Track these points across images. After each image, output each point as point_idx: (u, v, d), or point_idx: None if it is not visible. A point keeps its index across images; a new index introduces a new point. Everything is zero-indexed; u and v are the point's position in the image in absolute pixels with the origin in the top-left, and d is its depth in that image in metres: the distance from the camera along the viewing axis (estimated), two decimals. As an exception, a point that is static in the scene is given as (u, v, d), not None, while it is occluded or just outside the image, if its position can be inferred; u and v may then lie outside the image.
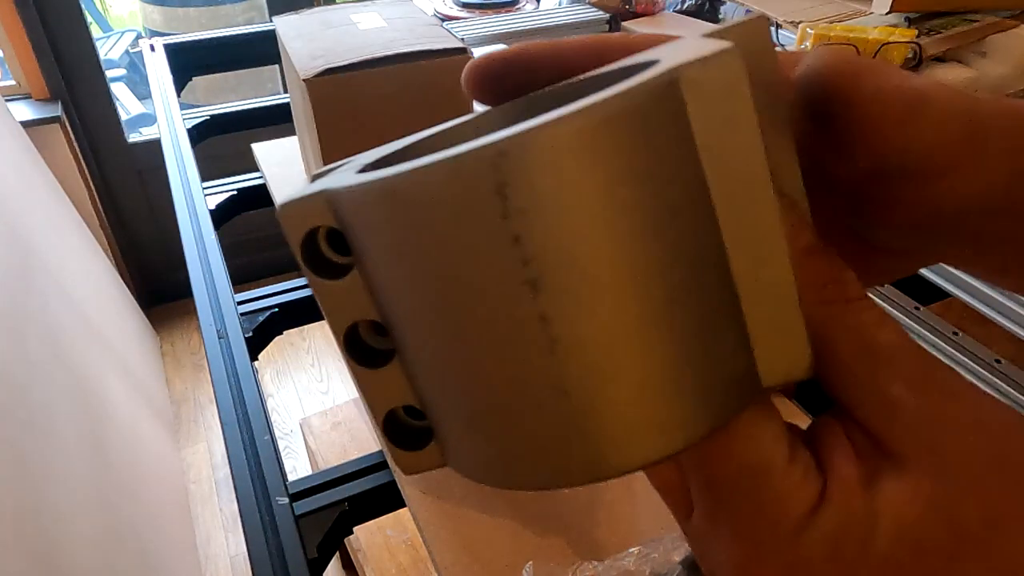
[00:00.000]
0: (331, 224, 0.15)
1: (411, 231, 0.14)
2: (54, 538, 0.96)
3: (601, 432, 0.14)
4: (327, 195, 0.15)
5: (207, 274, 0.79)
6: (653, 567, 0.47)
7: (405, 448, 0.17)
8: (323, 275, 0.16)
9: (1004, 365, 0.63)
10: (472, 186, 0.13)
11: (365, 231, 0.15)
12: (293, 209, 0.16)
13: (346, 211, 0.15)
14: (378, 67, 0.72)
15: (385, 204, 0.14)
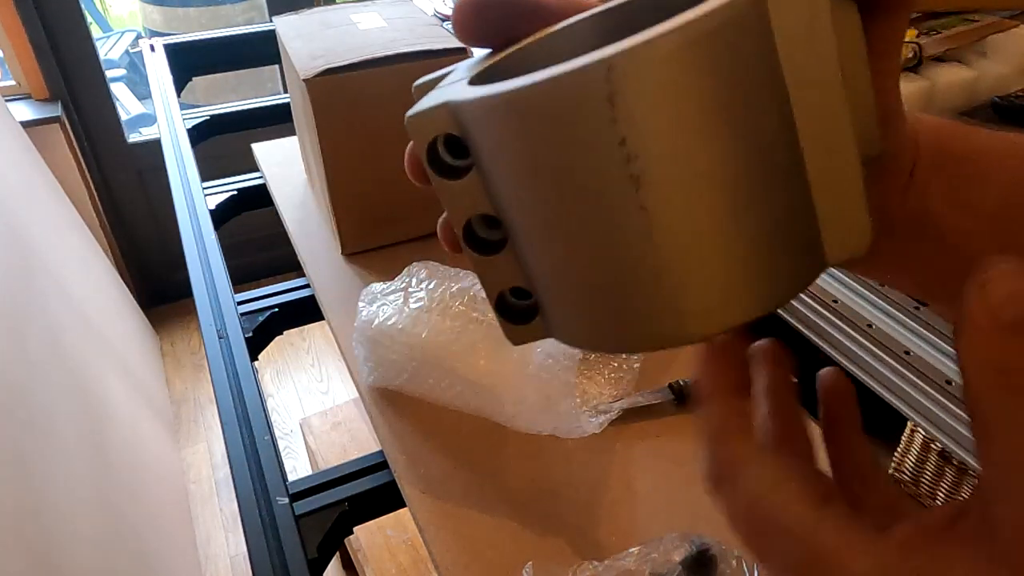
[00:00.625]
0: (452, 131, 0.18)
1: (528, 136, 0.16)
2: (54, 538, 0.96)
3: (690, 303, 0.16)
4: (450, 107, 0.17)
5: (207, 274, 0.79)
6: (653, 567, 0.47)
7: (513, 323, 0.20)
8: (445, 176, 0.18)
9: (1004, 365, 0.63)
10: (585, 96, 0.15)
11: (485, 137, 0.17)
12: (420, 119, 0.18)
13: (467, 120, 0.17)
14: (378, 67, 0.72)
15: (506, 114, 0.16)
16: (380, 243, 0.82)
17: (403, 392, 0.63)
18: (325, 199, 0.80)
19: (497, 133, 0.16)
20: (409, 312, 0.61)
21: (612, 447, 0.59)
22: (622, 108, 0.14)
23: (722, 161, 0.15)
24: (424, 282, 0.64)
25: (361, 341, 0.62)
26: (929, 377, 0.62)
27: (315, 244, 0.83)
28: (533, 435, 0.60)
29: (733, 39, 0.15)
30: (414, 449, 0.59)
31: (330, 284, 0.77)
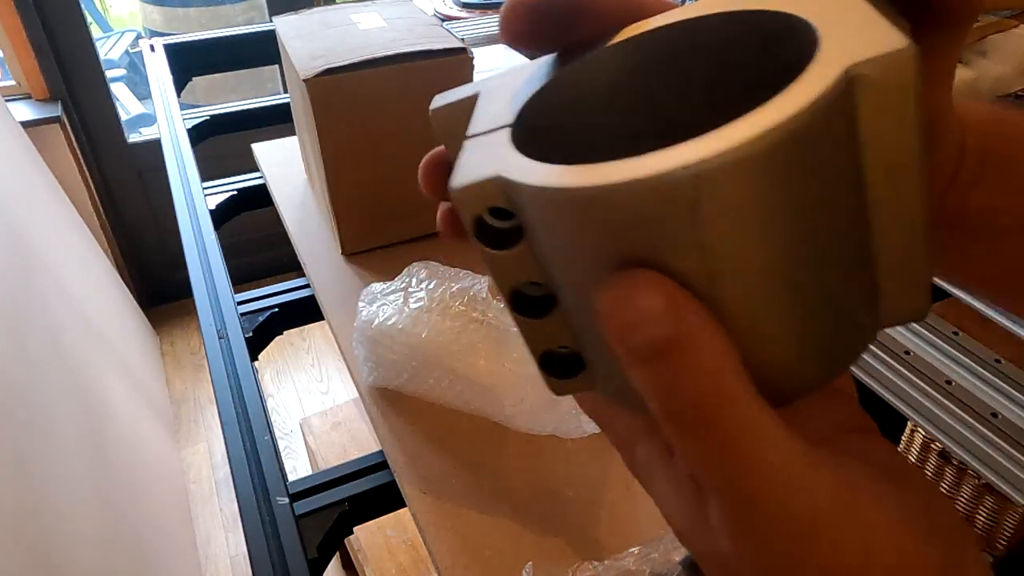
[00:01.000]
0: (503, 205, 0.17)
1: (595, 230, 0.15)
2: (54, 538, 0.96)
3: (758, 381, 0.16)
4: (504, 183, 0.17)
5: (207, 274, 0.79)
6: (653, 567, 0.47)
7: (559, 377, 0.20)
8: (493, 247, 0.18)
9: (1004, 365, 0.63)
10: (666, 203, 0.14)
11: (543, 221, 0.17)
12: (470, 192, 0.17)
13: (523, 199, 0.17)
14: (378, 67, 0.72)
15: (572, 208, 0.15)
16: (380, 243, 0.82)
17: (403, 392, 0.63)
18: (325, 199, 0.80)
19: (559, 222, 0.16)
20: (409, 312, 0.61)
21: (612, 447, 0.58)
22: (704, 214, 0.14)
23: (798, 254, 0.15)
24: (424, 282, 0.64)
25: (361, 341, 0.62)
26: (929, 377, 0.63)
27: (315, 244, 0.83)
28: (533, 435, 0.60)
29: (820, 131, 0.14)
30: (414, 449, 0.59)
31: (330, 284, 0.77)
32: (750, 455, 0.15)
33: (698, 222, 0.14)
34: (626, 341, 0.15)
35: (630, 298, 0.15)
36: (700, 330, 0.15)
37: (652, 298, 0.15)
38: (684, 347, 0.15)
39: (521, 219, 0.17)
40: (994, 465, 0.56)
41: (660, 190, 0.14)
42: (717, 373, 0.15)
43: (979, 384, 0.61)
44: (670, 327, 0.14)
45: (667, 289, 0.15)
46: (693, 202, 0.14)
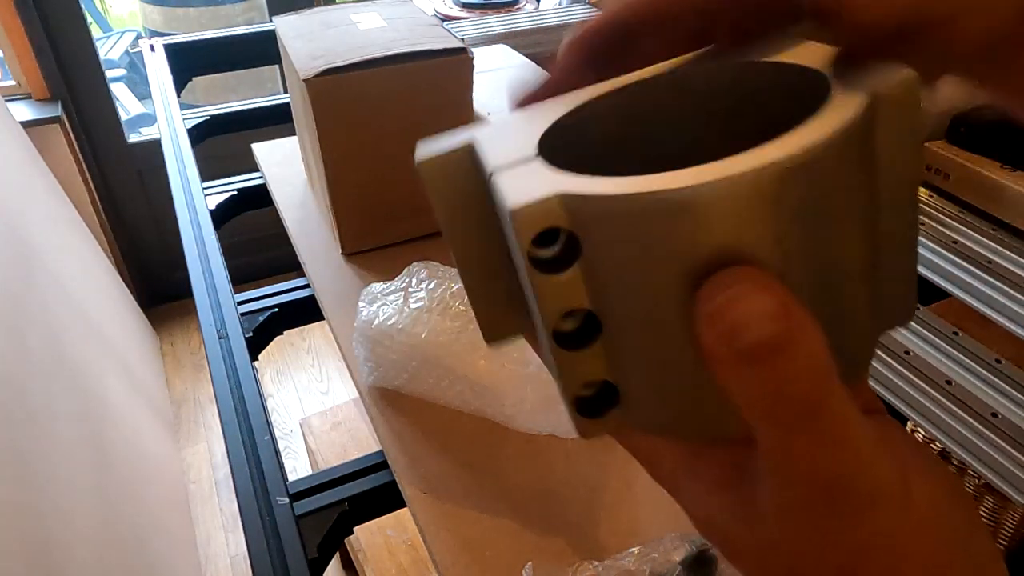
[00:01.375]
0: (563, 224, 0.17)
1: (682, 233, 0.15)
2: (54, 538, 0.96)
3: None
4: (568, 199, 0.16)
5: (207, 274, 0.79)
6: (653, 567, 0.47)
7: (589, 417, 0.20)
8: (546, 271, 0.17)
9: (1004, 365, 0.63)
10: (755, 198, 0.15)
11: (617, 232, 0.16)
12: (530, 211, 0.16)
13: (592, 215, 0.16)
14: (378, 67, 0.72)
15: (646, 214, 0.15)
16: (380, 243, 0.82)
17: (403, 392, 0.63)
18: (325, 199, 0.80)
19: (629, 232, 0.16)
20: (409, 312, 0.61)
21: (612, 447, 0.59)
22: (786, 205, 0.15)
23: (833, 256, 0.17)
24: (424, 282, 0.64)
25: (361, 341, 0.62)
26: (929, 377, 0.63)
27: (315, 244, 0.83)
28: (533, 435, 0.60)
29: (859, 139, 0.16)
30: (414, 449, 0.59)
31: (330, 284, 0.77)
32: (846, 445, 0.16)
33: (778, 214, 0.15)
34: (734, 342, 0.15)
35: (741, 298, 0.15)
36: (807, 326, 0.15)
37: (763, 296, 0.15)
38: (795, 344, 0.15)
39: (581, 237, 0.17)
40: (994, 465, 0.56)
41: (749, 186, 0.15)
42: (823, 369, 0.15)
43: (979, 384, 0.61)
44: (782, 325, 0.15)
45: (775, 286, 0.15)
46: (777, 195, 0.15)
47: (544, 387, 0.58)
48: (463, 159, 0.19)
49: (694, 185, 0.15)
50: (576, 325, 0.18)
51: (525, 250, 0.17)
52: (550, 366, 0.20)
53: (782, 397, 0.15)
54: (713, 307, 0.15)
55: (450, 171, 0.20)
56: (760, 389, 0.15)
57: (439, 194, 0.20)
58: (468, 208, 0.20)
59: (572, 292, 0.18)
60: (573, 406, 0.19)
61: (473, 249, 0.21)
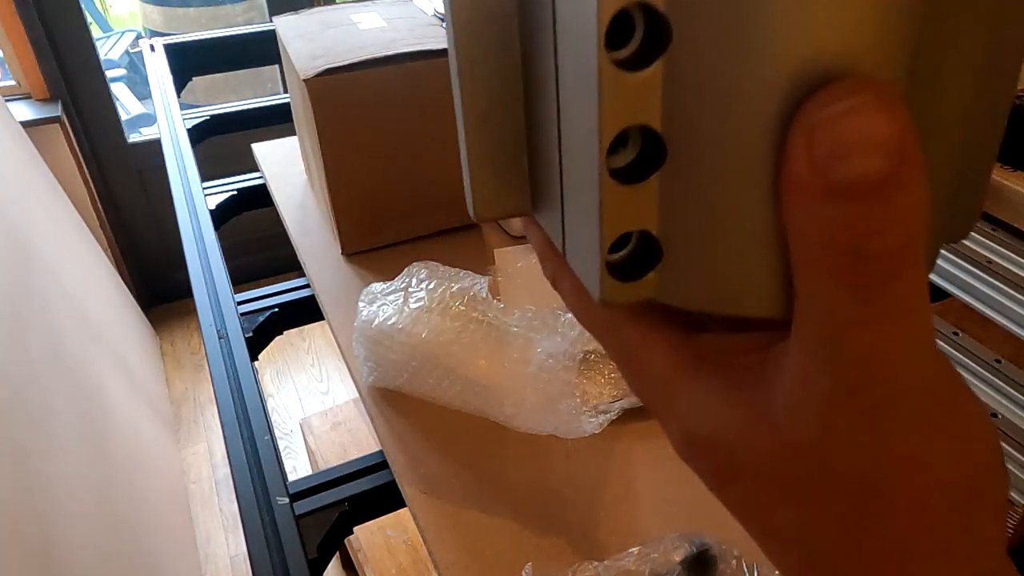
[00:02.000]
0: (657, 3, 0.13)
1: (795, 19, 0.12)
2: (54, 538, 0.96)
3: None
4: None
5: (207, 274, 0.79)
6: (653, 567, 0.47)
7: (623, 279, 0.16)
8: (623, 64, 0.14)
9: (1004, 365, 0.63)
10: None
11: (720, 13, 0.13)
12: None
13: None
14: (378, 67, 0.72)
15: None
16: (380, 243, 0.82)
17: (403, 392, 0.63)
18: (325, 199, 0.80)
19: (748, 9, 0.13)
20: (409, 312, 0.61)
21: (612, 447, 0.59)
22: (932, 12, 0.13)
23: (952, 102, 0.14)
24: (424, 282, 0.64)
25: (361, 341, 0.62)
26: (929, 377, 0.63)
27: (315, 244, 0.83)
28: (533, 435, 0.60)
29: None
30: (414, 449, 0.59)
31: (330, 284, 0.77)
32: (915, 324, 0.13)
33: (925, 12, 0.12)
34: (833, 169, 0.12)
35: (856, 113, 0.12)
36: (919, 170, 0.12)
37: (882, 118, 0.12)
38: (902, 188, 0.12)
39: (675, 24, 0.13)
40: (994, 465, 0.56)
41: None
42: (922, 227, 0.13)
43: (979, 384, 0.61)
44: (895, 160, 0.12)
45: (898, 109, 0.12)
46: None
47: (545, 387, 0.58)
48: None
49: None
50: (628, 159, 0.15)
51: (604, 27, 0.13)
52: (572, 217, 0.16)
53: (864, 249, 0.12)
54: (818, 117, 0.12)
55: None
56: (840, 234, 0.12)
57: (462, 9, 0.17)
58: (493, 26, 0.17)
59: (645, 100, 0.14)
60: (606, 264, 0.16)
61: (486, 83, 0.17)
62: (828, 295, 0.13)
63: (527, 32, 0.17)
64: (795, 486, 0.15)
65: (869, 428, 0.14)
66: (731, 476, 0.16)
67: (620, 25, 0.14)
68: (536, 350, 0.58)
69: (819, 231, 0.13)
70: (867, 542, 0.15)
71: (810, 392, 0.14)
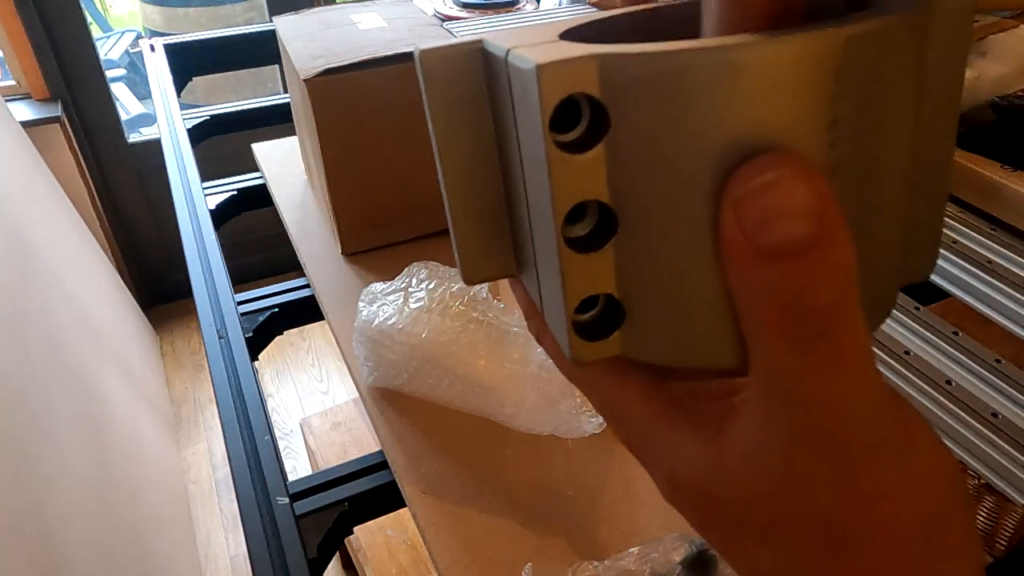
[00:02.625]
0: (593, 93, 0.15)
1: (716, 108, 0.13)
2: (54, 538, 0.96)
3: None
4: (603, 60, 0.14)
5: (207, 274, 0.79)
6: (653, 567, 0.47)
7: (589, 339, 0.17)
8: (568, 147, 0.15)
9: (1004, 365, 0.63)
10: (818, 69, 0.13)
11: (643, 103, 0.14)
12: (557, 71, 0.14)
13: (621, 80, 0.14)
14: (378, 67, 0.72)
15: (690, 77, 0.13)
16: (380, 243, 0.82)
17: (403, 392, 0.63)
18: (325, 199, 0.80)
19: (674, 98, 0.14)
20: (409, 312, 0.61)
21: (612, 447, 0.59)
22: (846, 85, 0.13)
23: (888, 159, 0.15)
24: (424, 282, 0.64)
25: (361, 341, 0.62)
26: (929, 377, 0.62)
27: (315, 244, 0.83)
28: (533, 435, 0.60)
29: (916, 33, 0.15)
30: (414, 449, 0.59)
31: (330, 284, 0.77)
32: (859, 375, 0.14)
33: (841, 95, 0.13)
34: (760, 236, 0.13)
35: (778, 185, 0.13)
36: (841, 230, 0.13)
37: (800, 187, 0.13)
38: (826, 247, 0.13)
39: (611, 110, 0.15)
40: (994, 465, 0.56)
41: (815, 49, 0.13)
42: (851, 281, 0.13)
43: (979, 384, 0.61)
44: (816, 223, 0.13)
45: (815, 178, 0.13)
46: (840, 67, 0.13)
47: (545, 387, 0.58)
48: (468, 55, 0.18)
49: (755, 42, 0.13)
50: (587, 229, 0.16)
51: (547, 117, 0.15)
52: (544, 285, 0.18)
53: (798, 306, 0.13)
54: (744, 191, 0.13)
55: (451, 66, 0.18)
56: (774, 294, 0.13)
57: (436, 91, 0.18)
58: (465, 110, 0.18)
59: (591, 178, 0.15)
60: (572, 324, 0.17)
61: (464, 160, 0.19)
62: (773, 349, 0.14)
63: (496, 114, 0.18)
64: (769, 528, 0.16)
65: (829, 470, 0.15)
66: (711, 520, 0.17)
67: (568, 110, 0.15)
68: (536, 350, 0.58)
69: (757, 292, 0.14)
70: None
71: (771, 439, 0.15)
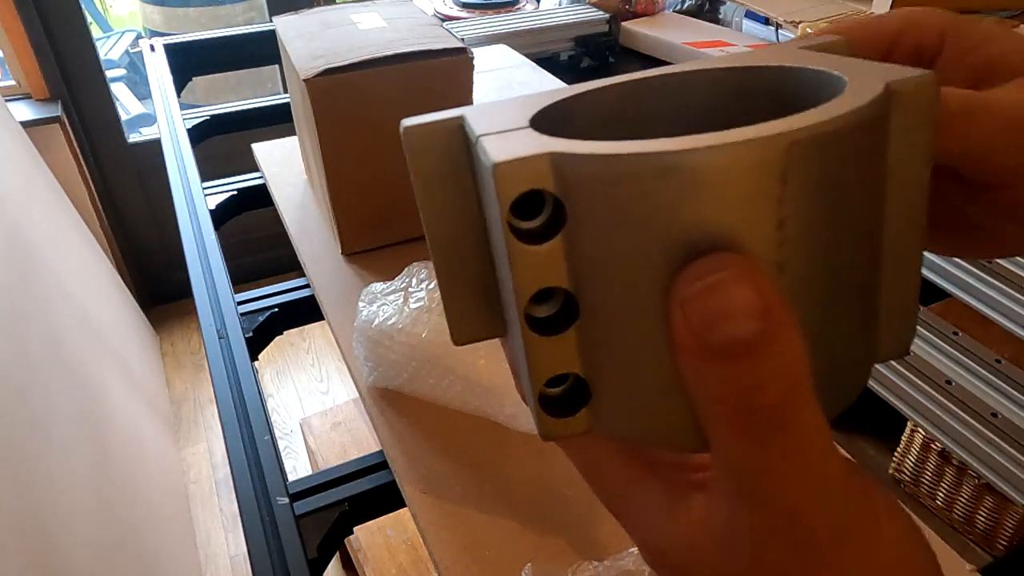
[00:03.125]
0: (549, 188, 0.15)
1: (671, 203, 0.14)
2: (54, 538, 0.96)
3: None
4: (557, 158, 0.15)
5: (207, 274, 0.79)
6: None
7: (555, 415, 0.18)
8: (526, 239, 0.16)
9: (1004, 365, 0.63)
10: (758, 170, 0.13)
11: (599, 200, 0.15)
12: (514, 168, 0.15)
13: (576, 177, 0.15)
14: (378, 67, 0.72)
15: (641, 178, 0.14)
16: (380, 243, 0.82)
17: (403, 392, 0.63)
18: (325, 199, 0.80)
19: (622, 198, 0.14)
20: (409, 312, 0.61)
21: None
22: (792, 188, 0.14)
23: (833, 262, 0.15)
24: (424, 282, 0.64)
25: (361, 341, 0.62)
26: (929, 377, 0.62)
27: (315, 244, 0.83)
28: (533, 435, 0.60)
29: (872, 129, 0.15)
30: (414, 449, 0.59)
31: (330, 284, 0.77)
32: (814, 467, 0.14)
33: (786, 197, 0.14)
34: (708, 336, 0.13)
35: (722, 287, 0.13)
36: (787, 327, 0.13)
37: (744, 288, 0.13)
38: (772, 345, 0.13)
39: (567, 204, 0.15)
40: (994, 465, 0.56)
41: (756, 155, 0.13)
42: (800, 376, 0.14)
43: (979, 384, 0.61)
44: (761, 322, 0.13)
45: (758, 278, 0.13)
46: (784, 171, 0.14)
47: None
48: (451, 131, 0.18)
49: (696, 148, 0.13)
50: (552, 311, 0.17)
51: (506, 211, 0.15)
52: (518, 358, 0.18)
53: (748, 404, 0.14)
54: (689, 293, 0.14)
55: (435, 142, 0.18)
56: (725, 391, 0.14)
57: (421, 166, 0.19)
58: (449, 184, 0.19)
59: (551, 267, 0.16)
60: (538, 402, 0.18)
61: (450, 230, 0.19)
62: (728, 443, 0.14)
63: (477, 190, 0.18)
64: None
65: (795, 560, 0.15)
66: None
67: (532, 199, 0.16)
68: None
69: (708, 388, 0.14)
70: None
71: (736, 526, 0.15)
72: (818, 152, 0.14)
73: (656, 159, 0.14)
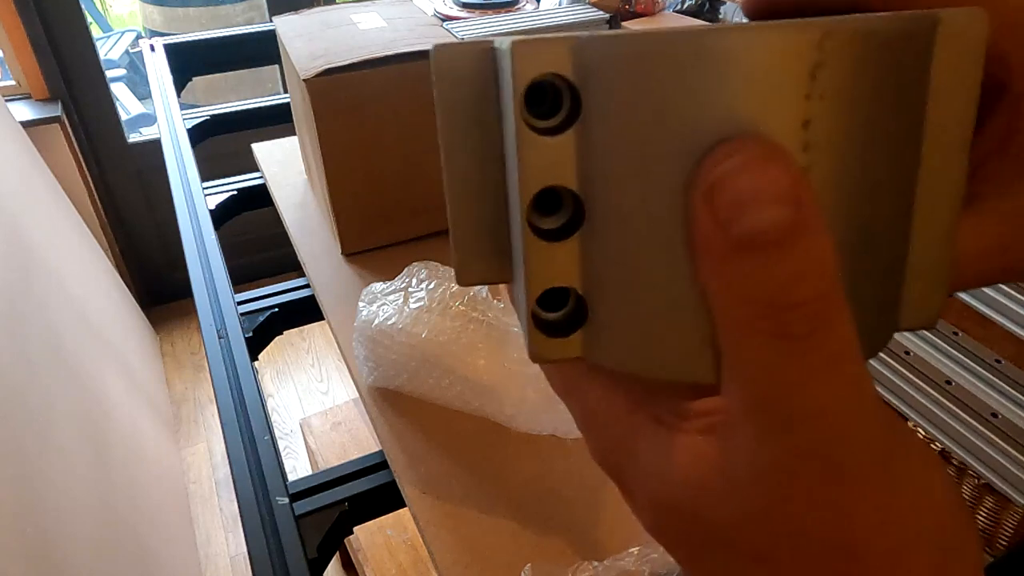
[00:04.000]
0: (567, 74, 0.15)
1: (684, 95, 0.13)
2: (53, 538, 0.96)
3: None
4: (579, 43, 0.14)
5: (207, 274, 0.79)
6: (653, 567, 0.47)
7: (549, 334, 0.17)
8: (539, 129, 0.15)
9: (1004, 365, 0.63)
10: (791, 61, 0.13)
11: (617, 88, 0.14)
12: (531, 50, 0.14)
13: (597, 65, 0.14)
14: (378, 67, 0.72)
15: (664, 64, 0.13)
16: (380, 243, 0.82)
17: (403, 392, 0.63)
18: (325, 199, 0.80)
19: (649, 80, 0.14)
20: (409, 312, 0.61)
21: (612, 447, 0.59)
22: (822, 84, 0.13)
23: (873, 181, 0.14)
24: (424, 282, 0.64)
25: (361, 341, 0.62)
26: (929, 377, 0.62)
27: (315, 244, 0.83)
28: (534, 435, 0.60)
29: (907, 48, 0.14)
30: (414, 449, 0.59)
31: (330, 284, 0.77)
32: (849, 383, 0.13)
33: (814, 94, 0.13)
34: (735, 225, 0.12)
35: (748, 169, 0.12)
36: (818, 216, 0.12)
37: (773, 171, 0.12)
38: (806, 236, 0.12)
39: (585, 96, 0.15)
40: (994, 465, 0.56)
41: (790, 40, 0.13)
42: (832, 277, 0.12)
43: (979, 384, 0.61)
44: (791, 211, 0.12)
45: (790, 162, 0.12)
46: (815, 66, 0.13)
47: (545, 387, 0.58)
48: (480, 58, 0.18)
49: (723, 29, 0.13)
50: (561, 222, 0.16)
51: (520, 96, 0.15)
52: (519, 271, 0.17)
53: (783, 301, 0.12)
54: (713, 177, 0.12)
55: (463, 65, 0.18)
56: (755, 288, 0.12)
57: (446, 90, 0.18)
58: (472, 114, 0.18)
59: (560, 163, 0.15)
60: (531, 318, 0.17)
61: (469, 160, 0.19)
62: (756, 354, 0.13)
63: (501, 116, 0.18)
64: (767, 554, 0.14)
65: (829, 490, 0.13)
66: (700, 548, 0.16)
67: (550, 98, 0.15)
68: (536, 350, 0.58)
69: (735, 288, 0.12)
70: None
71: (762, 460, 0.14)
72: (851, 53, 0.13)
73: (686, 39, 0.13)
